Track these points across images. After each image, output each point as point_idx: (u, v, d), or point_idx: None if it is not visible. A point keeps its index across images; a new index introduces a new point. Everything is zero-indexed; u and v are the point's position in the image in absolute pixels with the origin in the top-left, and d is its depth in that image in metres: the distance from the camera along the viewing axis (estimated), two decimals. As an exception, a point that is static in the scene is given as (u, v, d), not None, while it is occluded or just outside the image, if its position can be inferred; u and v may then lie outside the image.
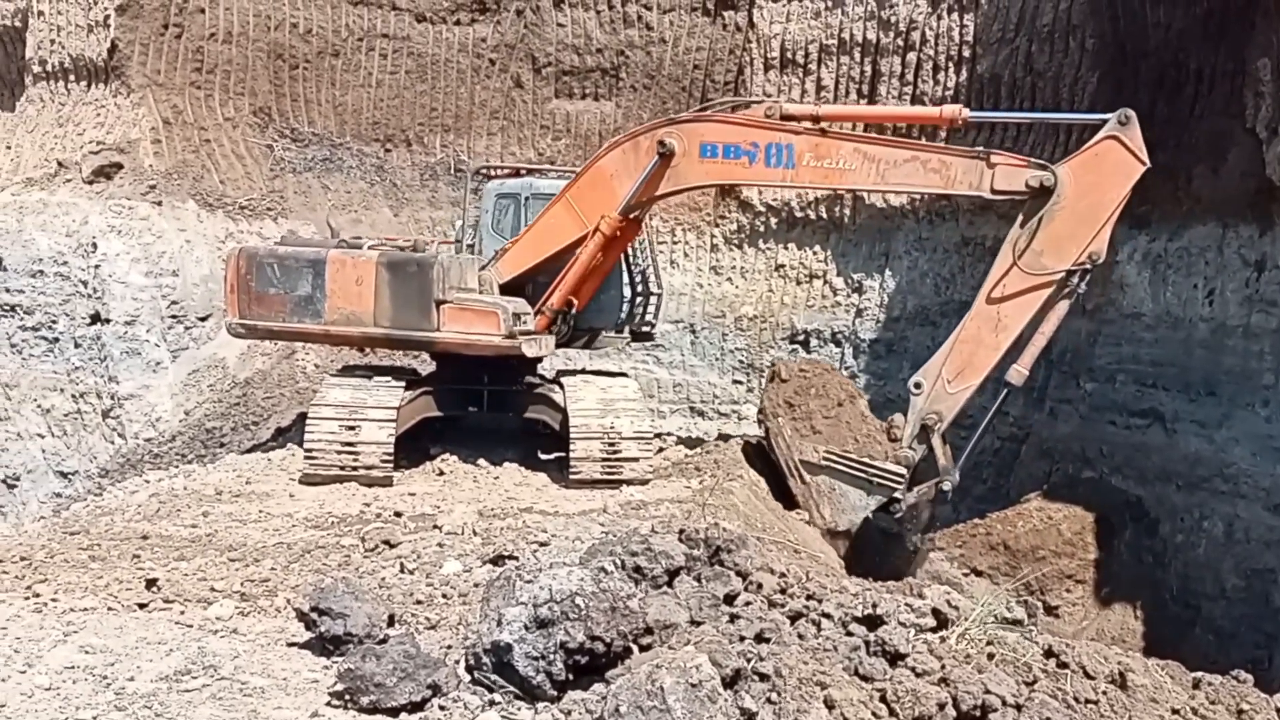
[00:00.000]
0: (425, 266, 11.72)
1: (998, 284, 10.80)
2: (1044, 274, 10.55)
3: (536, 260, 12.08)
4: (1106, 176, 10.49)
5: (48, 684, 5.54)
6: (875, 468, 11.58)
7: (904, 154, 11.12)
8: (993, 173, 10.73)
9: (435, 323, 11.65)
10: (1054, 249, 10.54)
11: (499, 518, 9.85)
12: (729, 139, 11.43)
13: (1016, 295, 10.72)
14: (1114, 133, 10.43)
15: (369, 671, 5.16)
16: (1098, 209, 10.47)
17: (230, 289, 12.34)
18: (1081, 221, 10.50)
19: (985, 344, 10.85)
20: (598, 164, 12.03)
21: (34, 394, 17.13)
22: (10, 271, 17.42)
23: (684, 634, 4.75)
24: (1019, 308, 10.70)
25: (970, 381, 10.96)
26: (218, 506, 10.24)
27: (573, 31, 19.36)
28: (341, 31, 19.72)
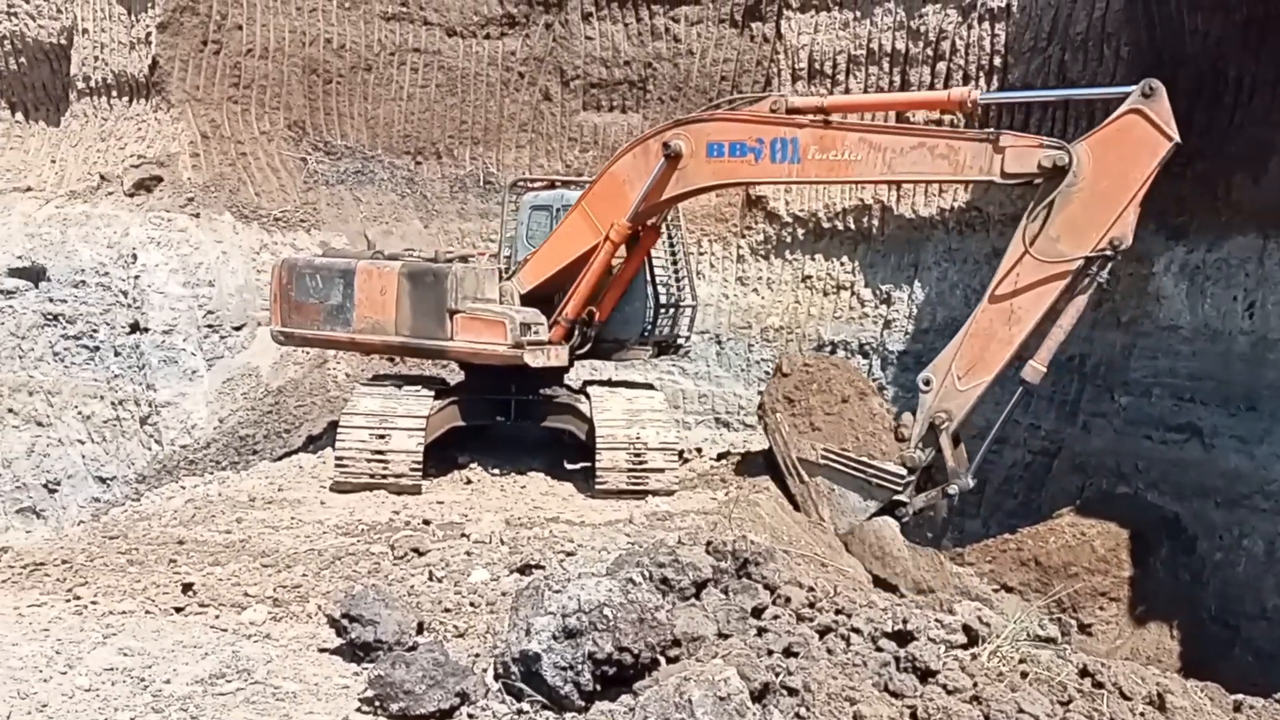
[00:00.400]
0: (440, 276, 11.93)
1: (1009, 273, 10.06)
2: (1061, 262, 9.75)
3: (555, 269, 12.05)
4: (1129, 154, 9.64)
5: (87, 685, 5.67)
6: (874, 468, 11.01)
7: (910, 141, 10.49)
8: (1002, 155, 9.98)
9: (449, 332, 11.84)
10: (1071, 235, 9.76)
11: (526, 527, 9.93)
12: (735, 137, 11.09)
13: (1031, 286, 9.96)
14: (1137, 105, 9.60)
15: (398, 678, 5.23)
16: (1119, 190, 9.63)
17: (273, 298, 12.95)
18: (1102, 204, 9.66)
19: (998, 338, 10.14)
20: (610, 170, 11.95)
21: (75, 401, 17.43)
22: (53, 282, 17.77)
23: (712, 646, 4.78)
24: (1034, 300, 9.95)
25: (981, 378, 10.25)
26: (251, 513, 10.38)
27: (600, 44, 19.47)
28: (374, 46, 19.95)
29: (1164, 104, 9.58)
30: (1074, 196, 9.75)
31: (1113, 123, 9.83)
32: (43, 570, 8.19)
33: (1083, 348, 15.59)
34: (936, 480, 10.87)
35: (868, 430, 11.63)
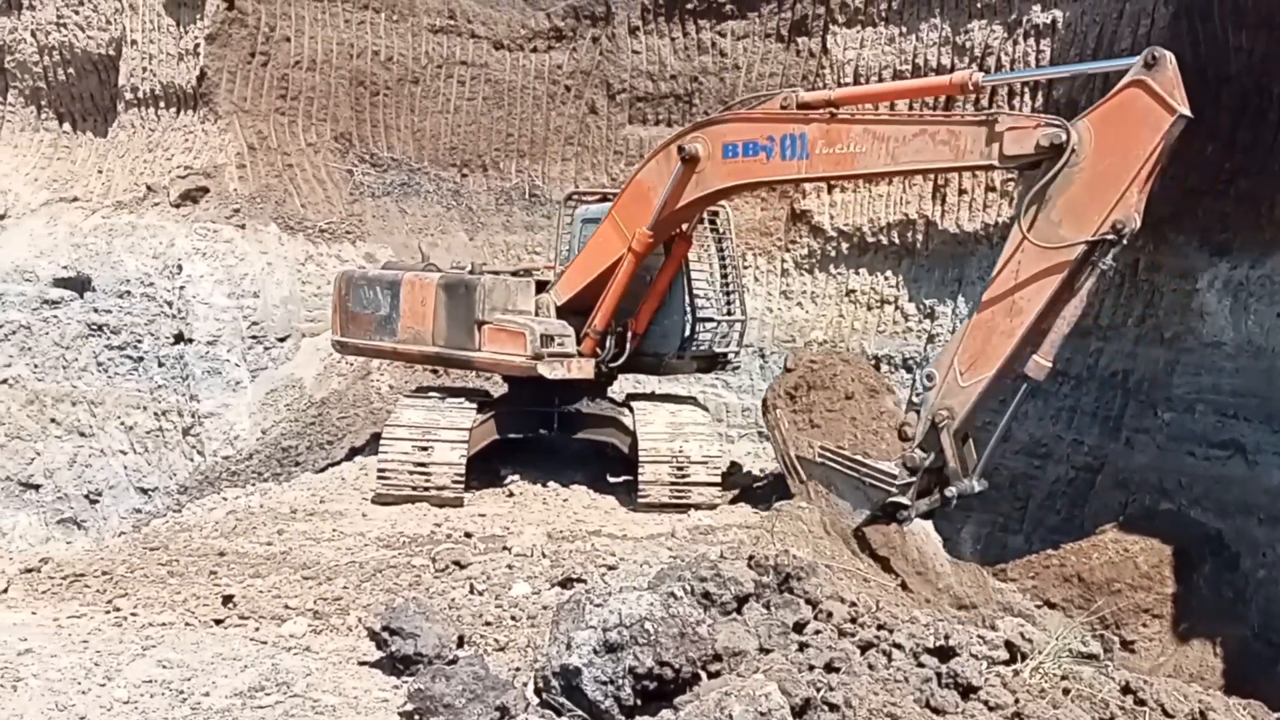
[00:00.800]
0: (471, 288, 12.05)
1: (1009, 262, 9.41)
2: (1062, 248, 9.07)
3: (588, 281, 11.99)
4: (1132, 130, 8.94)
5: (126, 697, 5.66)
6: (867, 467, 10.25)
7: (912, 129, 9.95)
8: (1001, 137, 9.34)
9: (477, 343, 11.95)
10: (1073, 218, 9.07)
11: (568, 540, 9.88)
12: (749, 136, 10.75)
13: (1032, 274, 9.26)
14: (1139, 77, 8.93)
15: (438, 692, 5.19)
16: (1122, 169, 8.94)
17: (334, 308, 13.66)
18: (1104, 184, 8.98)
19: (999, 330, 9.44)
20: (636, 177, 11.80)
21: (118, 411, 17.64)
22: (99, 292, 18.01)
23: (753, 662, 4.71)
24: (1035, 289, 9.23)
25: (983, 373, 9.53)
26: (292, 525, 10.42)
27: (647, 58, 19.50)
28: (421, 59, 20.11)
29: (1168, 74, 8.92)
30: (1075, 177, 9.09)
31: (1114, 97, 9.16)
32: (83, 581, 8.24)
33: (1126, 363, 15.43)
34: (945, 481, 10.13)
35: (870, 428, 11.13)
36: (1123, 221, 8.97)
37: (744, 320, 13.57)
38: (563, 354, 11.77)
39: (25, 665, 6.03)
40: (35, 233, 19.29)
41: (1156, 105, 8.89)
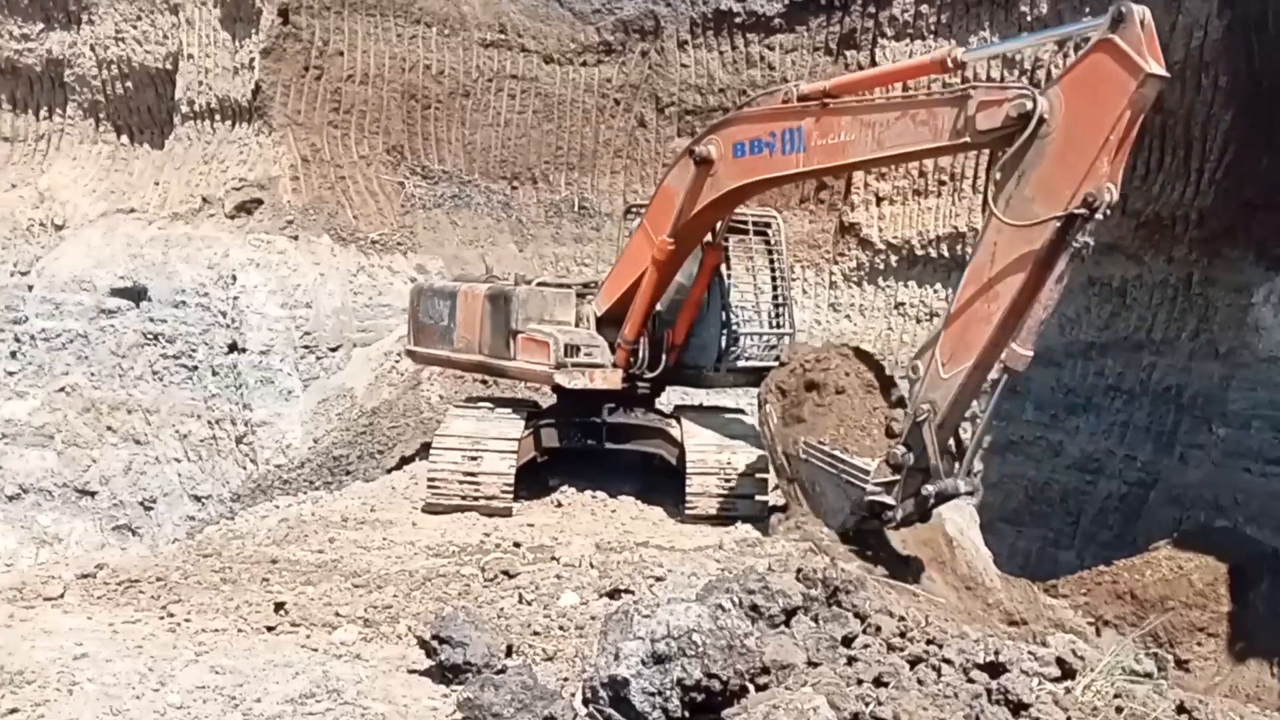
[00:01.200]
0: (508, 298, 12.26)
1: (984, 244, 8.85)
2: (1035, 225, 8.41)
3: (622, 290, 11.92)
4: (1100, 94, 8.22)
5: (179, 703, 5.73)
6: (843, 463, 9.59)
7: (894, 113, 9.40)
8: (974, 112, 8.72)
9: (512, 352, 12.10)
10: (1045, 193, 8.40)
11: (615, 551, 9.88)
12: (754, 134, 10.45)
13: (1007, 254, 8.60)
14: (1105, 37, 8.19)
15: (487, 701, 5.21)
16: (1092, 137, 8.23)
17: (409, 320, 14.13)
18: (1075, 155, 8.28)
19: (977, 317, 8.79)
20: (662, 184, 11.62)
21: (173, 420, 17.96)
22: (154, 301, 18.37)
23: (801, 675, 4.69)
24: (1011, 271, 8.57)
25: (963, 363, 8.88)
26: (343, 533, 10.51)
27: (695, 72, 19.57)
28: (472, 73, 20.33)
29: (1135, 31, 8.15)
30: (1046, 149, 8.40)
31: (1082, 60, 8.44)
32: (138, 587, 8.34)
33: (1180, 378, 15.22)
34: (935, 479, 9.39)
35: (859, 424, 10.14)
36: (1094, 194, 8.21)
37: (792, 334, 13.42)
38: (588, 364, 11.78)
39: (81, 670, 6.13)
40: (93, 243, 19.72)
41: (1122, 66, 8.15)
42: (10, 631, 6.98)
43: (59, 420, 18.43)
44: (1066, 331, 17.15)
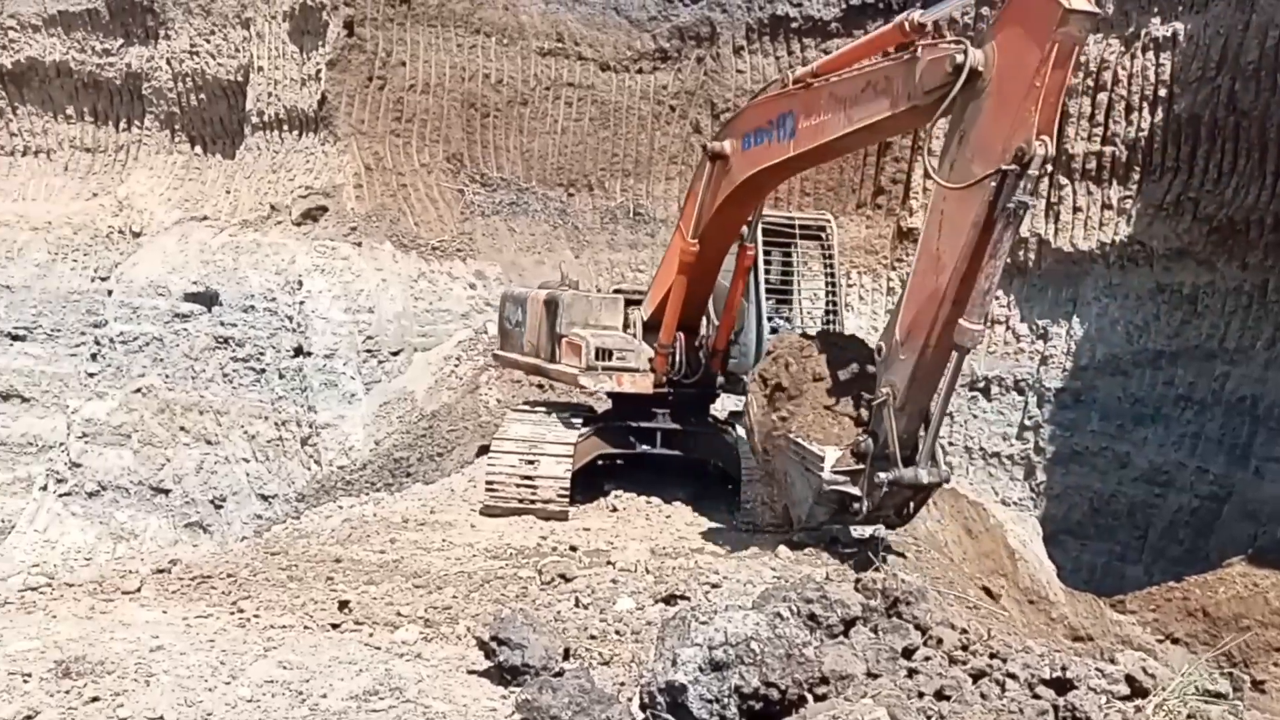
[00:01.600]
0: (555, 303, 12.57)
1: (931, 212, 8.38)
2: (971, 186, 7.84)
3: (662, 295, 11.85)
4: (1026, 38, 7.63)
5: (249, 696, 5.86)
6: (803, 449, 9.14)
7: (860, 82, 8.87)
8: (921, 70, 8.15)
9: (556, 355, 12.40)
10: (983, 150, 7.82)
11: (671, 557, 9.89)
12: (758, 123, 10.13)
13: (950, 222, 8.08)
14: None
15: (545, 704, 5.26)
16: (1022, 85, 7.63)
17: (498, 324, 14.83)
18: (1008, 106, 7.72)
19: (927, 291, 8.30)
20: (692, 187, 11.49)
21: (241, 421, 18.36)
22: (225, 306, 18.81)
23: (860, 686, 4.68)
24: (954, 239, 8.00)
25: (918, 342, 8.34)
26: (404, 534, 10.65)
27: (751, 78, 19.56)
28: (530, 81, 20.53)
29: None
30: (984, 104, 7.86)
31: (1008, 5, 7.93)
32: (209, 583, 8.54)
33: (1255, 389, 14.86)
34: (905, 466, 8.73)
35: (841, 412, 9.46)
36: (1024, 148, 7.59)
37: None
38: (619, 368, 11.83)
39: (157, 661, 6.30)
40: (168, 250, 20.23)
41: (1044, 5, 7.53)
42: (91, 623, 7.20)
43: (135, 420, 18.89)
44: (1134, 340, 16.86)
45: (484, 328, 19.31)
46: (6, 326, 22.74)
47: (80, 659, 6.13)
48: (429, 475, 15.10)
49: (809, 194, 19.72)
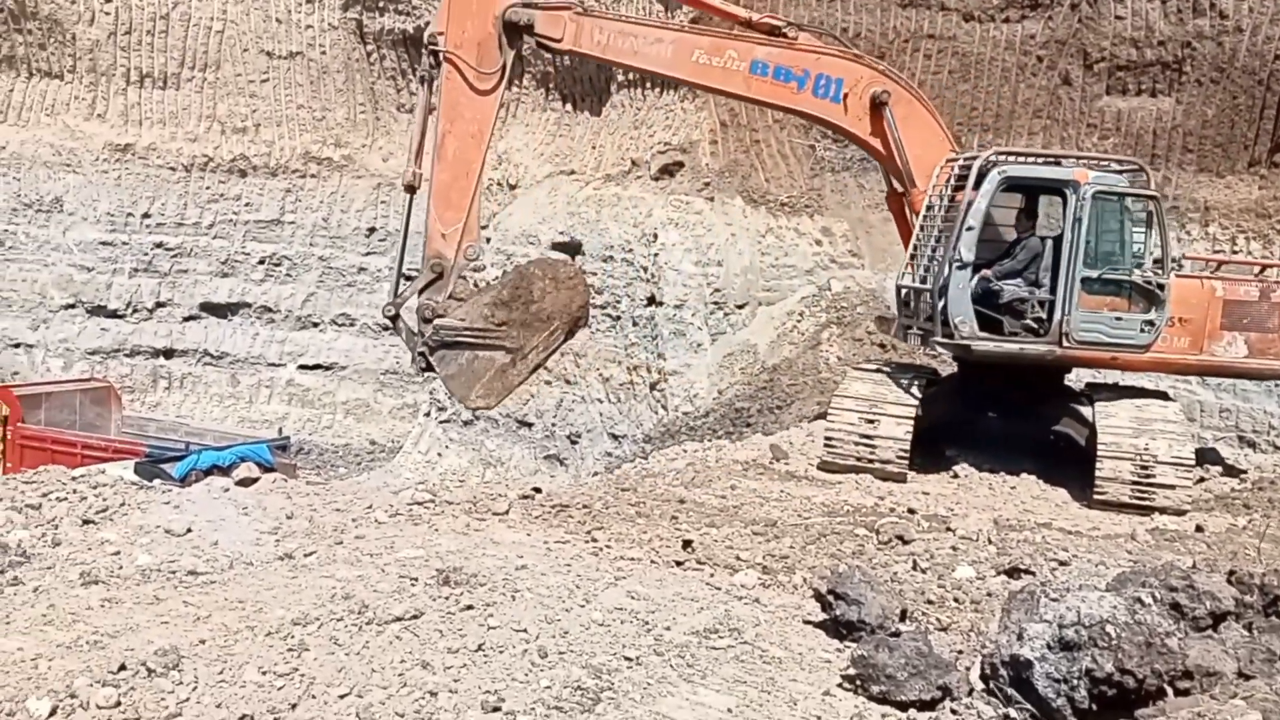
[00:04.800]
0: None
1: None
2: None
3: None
4: None
5: (601, 620, 6.32)
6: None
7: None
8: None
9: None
10: None
11: (1015, 529, 9.59)
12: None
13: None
14: None
15: (881, 662, 5.32)
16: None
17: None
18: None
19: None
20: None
21: (597, 364, 19.53)
22: (588, 256, 20.00)
23: (1230, 686, 4.38)
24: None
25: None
26: (744, 482, 10.99)
27: (1132, 24, 18.05)
28: (889, 34, 20.06)
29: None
30: None
31: None
32: (567, 512, 9.24)
33: None
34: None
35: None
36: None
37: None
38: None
39: (521, 579, 6.94)
40: (539, 202, 21.76)
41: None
42: (466, 539, 8.05)
43: (506, 358, 20.61)
44: None
45: (828, 284, 19.30)
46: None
47: (458, 570, 6.85)
48: (768, 427, 15.40)
49: (1191, 150, 18.05)
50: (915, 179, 12.05)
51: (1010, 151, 13.24)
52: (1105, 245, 11.39)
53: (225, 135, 27.34)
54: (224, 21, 27.15)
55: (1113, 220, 11.40)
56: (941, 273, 11.28)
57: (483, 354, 11.21)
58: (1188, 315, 11.31)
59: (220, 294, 27.40)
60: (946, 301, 11.25)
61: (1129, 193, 11.47)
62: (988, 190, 11.27)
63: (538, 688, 5.27)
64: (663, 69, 12.60)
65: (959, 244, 11.19)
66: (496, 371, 11.27)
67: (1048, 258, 11.52)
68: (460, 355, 11.19)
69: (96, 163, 26.69)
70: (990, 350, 11.44)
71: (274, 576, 6.88)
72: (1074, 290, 11.18)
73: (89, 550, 7.26)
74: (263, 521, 8.12)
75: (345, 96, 27.36)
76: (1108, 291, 11.33)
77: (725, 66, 11.73)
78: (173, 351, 27.33)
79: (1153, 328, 11.22)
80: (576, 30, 11.69)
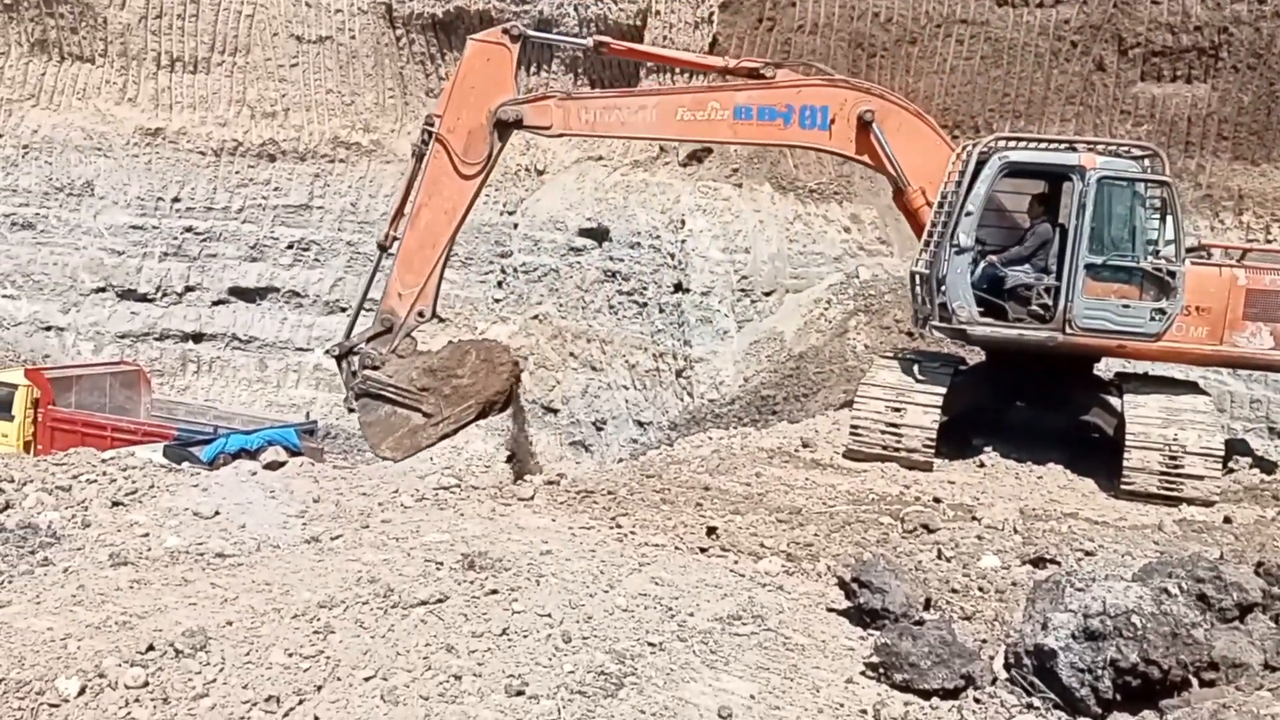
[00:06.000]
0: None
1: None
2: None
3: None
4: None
5: (624, 605, 6.35)
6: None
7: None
8: None
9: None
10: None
11: (1041, 519, 9.53)
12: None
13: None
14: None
15: (905, 650, 5.32)
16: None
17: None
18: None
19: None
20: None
21: (624, 351, 19.53)
22: (614, 242, 19.99)
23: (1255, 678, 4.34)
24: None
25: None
26: (769, 469, 10.97)
27: (1169, 9, 17.81)
28: (920, 19, 19.88)
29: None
30: None
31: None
32: (592, 498, 9.27)
33: None
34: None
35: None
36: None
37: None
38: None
39: (546, 564, 6.98)
40: (567, 187, 21.76)
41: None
42: (492, 523, 8.09)
43: (532, 344, 20.64)
44: None
45: (856, 272, 19.20)
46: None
47: (483, 554, 6.89)
48: (794, 415, 15.36)
49: (1226, 137, 17.80)
50: (908, 181, 12.10)
51: (1014, 137, 13.26)
52: (1113, 231, 11.27)
53: (255, 120, 27.46)
54: (254, 6, 27.24)
55: (1122, 206, 11.28)
56: (941, 258, 11.30)
57: (400, 412, 12.03)
58: (1205, 304, 11.10)
59: (249, 278, 27.56)
60: (945, 286, 11.29)
61: (1137, 178, 11.33)
62: (988, 176, 11.29)
63: (561, 672, 5.30)
64: (651, 133, 13.63)
65: (958, 229, 11.23)
66: (409, 430, 12.07)
67: (1058, 244, 11.45)
68: (381, 408, 12.08)
69: (127, 147, 26.89)
70: (988, 335, 11.48)
71: (300, 559, 6.95)
72: (1078, 276, 11.09)
73: (118, 532, 7.36)
74: (290, 505, 8.21)
75: (374, 81, 27.41)
76: (1116, 279, 11.17)
77: (710, 118, 12.13)
78: (201, 335, 27.55)
79: (1164, 316, 11.04)
80: (564, 115, 12.53)
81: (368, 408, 12.12)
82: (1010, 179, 11.64)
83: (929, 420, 11.41)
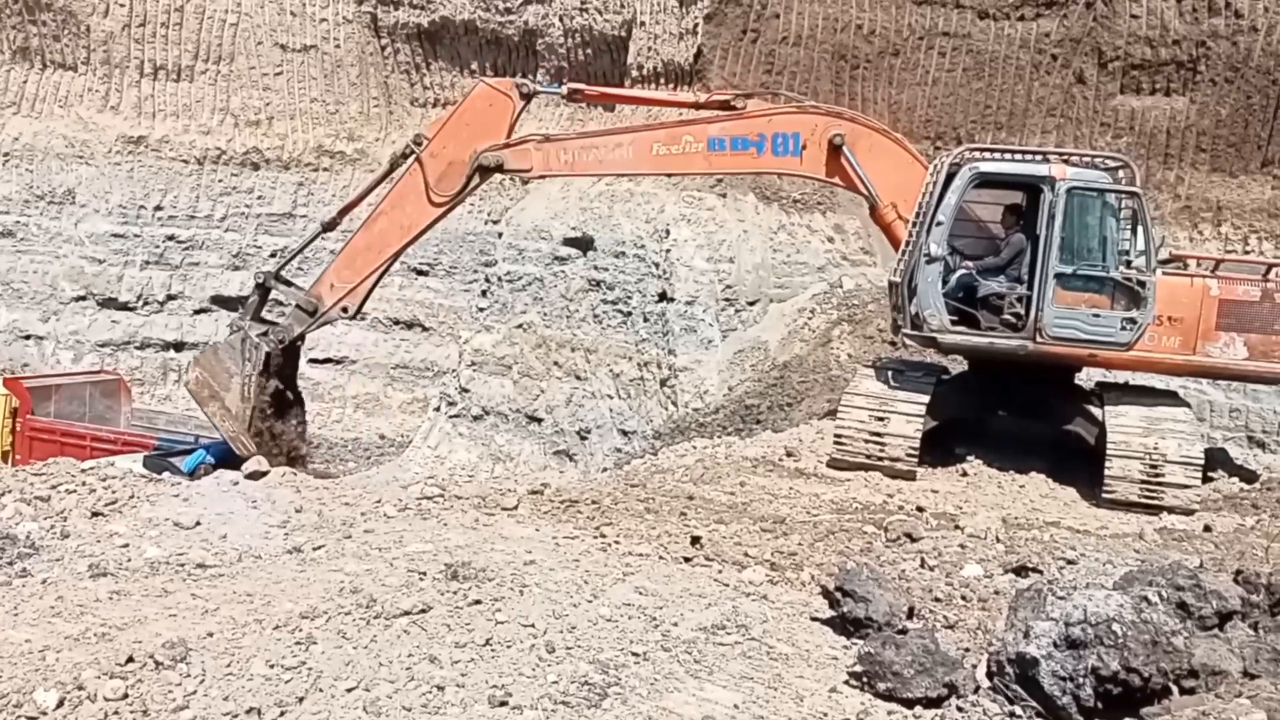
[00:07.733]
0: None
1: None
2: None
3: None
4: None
5: (608, 615, 6.31)
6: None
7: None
8: None
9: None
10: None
11: (1023, 528, 9.58)
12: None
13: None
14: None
15: (888, 659, 5.32)
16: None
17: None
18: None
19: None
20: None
21: (608, 360, 19.55)
22: (599, 251, 20.03)
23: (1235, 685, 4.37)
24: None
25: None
26: (753, 478, 10.99)
27: (1147, 23, 18.01)
28: (903, 31, 20.04)
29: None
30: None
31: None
32: (575, 508, 9.25)
33: None
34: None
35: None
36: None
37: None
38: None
39: (529, 574, 6.94)
40: (551, 197, 21.76)
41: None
42: (475, 533, 8.05)
43: (516, 353, 20.65)
44: None
45: (839, 281, 19.27)
46: (413, 262, 25.39)
47: (466, 564, 6.84)
48: (778, 424, 15.39)
49: (1204, 149, 17.98)
50: (880, 198, 12.25)
51: (985, 148, 13.44)
52: (1083, 241, 11.39)
53: (238, 128, 27.41)
54: (238, 14, 27.21)
55: (1092, 217, 11.39)
56: (912, 267, 11.40)
57: (229, 376, 12.81)
58: (1177, 314, 11.21)
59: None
60: (916, 295, 11.41)
61: (1107, 189, 11.44)
62: (958, 186, 11.45)
63: (545, 682, 5.27)
64: (629, 169, 14.09)
65: (928, 239, 11.37)
66: (217, 390, 12.91)
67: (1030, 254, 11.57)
68: (228, 359, 12.89)
69: (109, 155, 26.78)
70: (958, 343, 11.67)
71: (282, 570, 6.90)
72: (1049, 286, 11.18)
73: (98, 542, 7.30)
74: (271, 515, 8.15)
75: (359, 90, 27.41)
76: (1087, 288, 11.30)
77: (685, 151, 12.30)
78: (183, 344, 27.41)
79: (1135, 326, 11.15)
80: (544, 157, 12.62)
81: (229, 348, 12.88)
82: (987, 190, 11.76)
83: (912, 429, 11.47)
